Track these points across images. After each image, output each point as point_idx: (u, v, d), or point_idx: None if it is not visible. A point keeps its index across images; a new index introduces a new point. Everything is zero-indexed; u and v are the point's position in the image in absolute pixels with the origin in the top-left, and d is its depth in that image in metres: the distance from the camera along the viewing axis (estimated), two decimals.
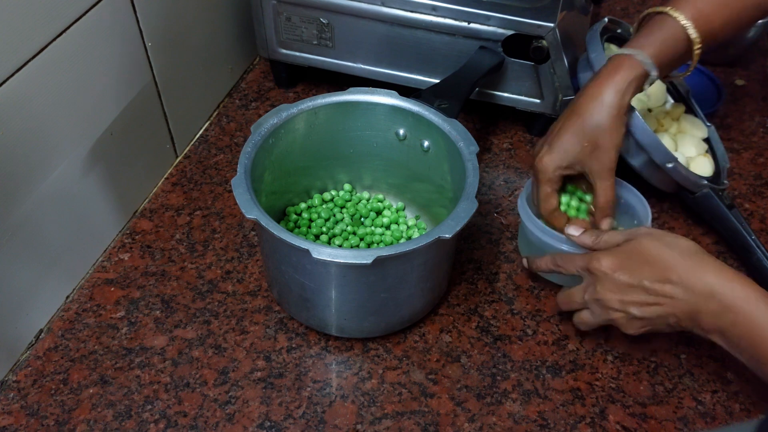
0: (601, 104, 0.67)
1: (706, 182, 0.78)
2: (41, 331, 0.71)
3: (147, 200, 0.84)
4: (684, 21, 0.67)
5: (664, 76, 0.73)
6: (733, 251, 0.80)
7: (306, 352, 0.70)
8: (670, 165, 0.76)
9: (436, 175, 0.74)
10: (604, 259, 0.62)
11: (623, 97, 0.67)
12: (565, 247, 0.71)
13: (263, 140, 0.67)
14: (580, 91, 0.71)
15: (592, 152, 0.68)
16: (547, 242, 0.71)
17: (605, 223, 0.71)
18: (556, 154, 0.69)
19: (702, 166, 0.82)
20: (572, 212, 0.74)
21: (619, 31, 0.87)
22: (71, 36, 0.64)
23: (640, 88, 0.69)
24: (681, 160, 0.79)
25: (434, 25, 0.82)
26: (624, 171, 0.75)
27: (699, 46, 0.68)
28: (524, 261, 0.74)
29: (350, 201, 0.81)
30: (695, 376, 0.69)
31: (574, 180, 0.74)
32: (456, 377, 0.68)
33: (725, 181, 0.82)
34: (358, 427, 0.64)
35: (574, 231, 0.69)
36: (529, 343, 0.71)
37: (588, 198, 0.75)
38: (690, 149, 0.83)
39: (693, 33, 0.67)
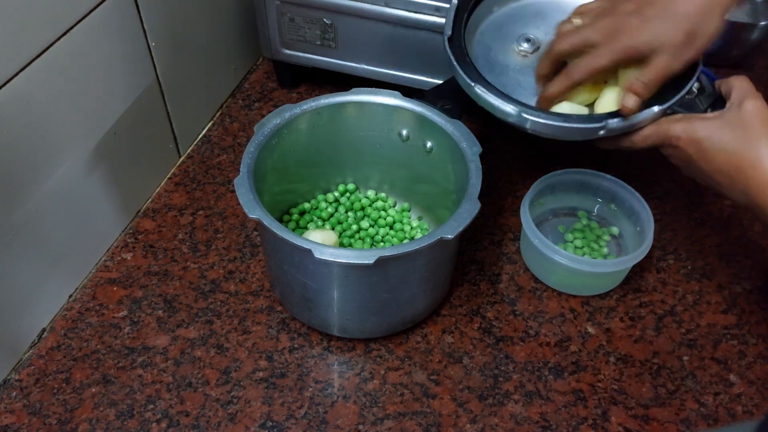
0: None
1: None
2: (44, 330, 0.71)
3: (150, 200, 0.84)
4: None
5: None
6: None
7: (308, 353, 0.70)
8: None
9: (439, 176, 0.74)
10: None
11: None
12: (563, 260, 0.71)
13: (266, 140, 0.67)
14: None
15: (681, 43, 0.61)
16: (546, 253, 0.71)
17: (630, 100, 0.63)
18: (647, 30, 0.61)
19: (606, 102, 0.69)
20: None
21: None
22: (75, 36, 0.65)
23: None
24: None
25: (437, 26, 0.82)
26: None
27: None
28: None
29: (354, 201, 0.81)
30: (697, 378, 0.69)
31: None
32: (458, 378, 0.68)
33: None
34: (360, 427, 0.64)
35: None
36: (532, 345, 0.71)
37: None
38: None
39: None
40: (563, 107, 0.67)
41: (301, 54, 0.92)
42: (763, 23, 0.98)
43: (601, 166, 0.81)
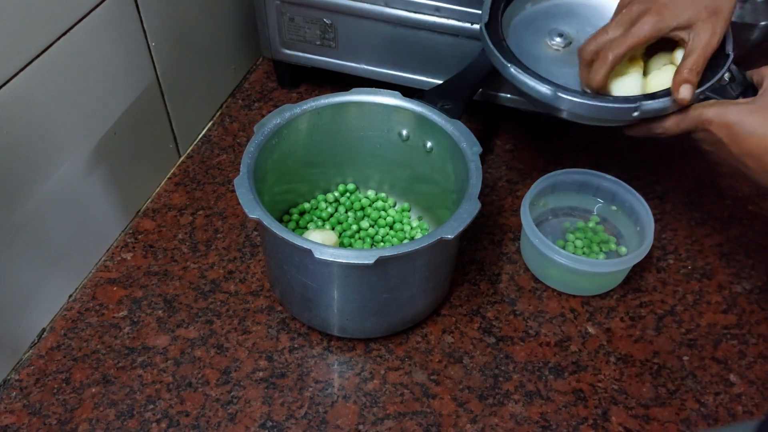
0: None
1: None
2: (44, 330, 0.71)
3: (150, 200, 0.84)
4: None
5: None
6: None
7: (308, 353, 0.70)
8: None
9: (439, 176, 0.74)
10: None
11: None
12: (563, 260, 0.71)
13: (266, 140, 0.67)
14: None
15: (707, 19, 0.63)
16: (546, 253, 0.71)
17: (685, 90, 0.64)
18: (668, 14, 0.64)
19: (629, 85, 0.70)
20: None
21: None
22: (75, 35, 0.65)
23: None
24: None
25: (437, 26, 0.82)
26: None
27: None
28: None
29: (354, 201, 0.81)
30: (698, 378, 0.69)
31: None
32: (458, 378, 0.68)
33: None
34: (360, 427, 0.64)
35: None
36: (532, 344, 0.71)
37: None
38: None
39: None
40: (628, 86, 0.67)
41: (301, 54, 0.92)
42: (763, 23, 0.98)
43: (601, 166, 0.81)
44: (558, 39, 0.74)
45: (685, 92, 0.64)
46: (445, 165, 0.72)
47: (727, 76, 0.67)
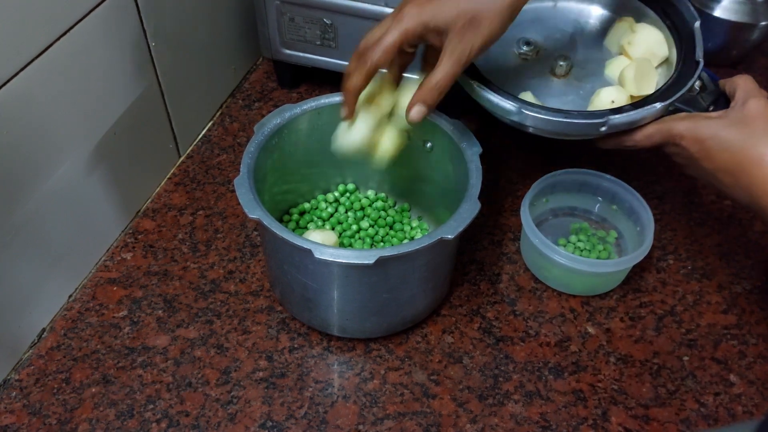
0: None
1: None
2: (44, 330, 0.71)
3: (150, 200, 0.84)
4: None
5: None
6: None
7: (308, 353, 0.70)
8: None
9: (439, 176, 0.74)
10: None
11: None
12: (563, 260, 0.71)
13: (266, 140, 0.67)
14: None
15: (463, 27, 0.57)
16: (546, 253, 0.71)
17: (416, 112, 0.60)
18: (428, 9, 0.57)
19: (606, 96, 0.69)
20: None
21: None
22: (75, 36, 0.65)
23: None
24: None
25: None
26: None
27: None
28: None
29: (354, 201, 0.81)
30: (698, 378, 0.69)
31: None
32: (458, 378, 0.68)
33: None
34: (360, 427, 0.64)
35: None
36: (531, 345, 0.71)
37: None
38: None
39: None
40: (361, 123, 0.63)
41: (301, 54, 0.92)
42: (763, 23, 0.98)
43: (601, 166, 0.81)
44: (525, 47, 0.73)
45: (415, 114, 0.59)
46: (445, 165, 0.72)
47: (697, 84, 0.65)
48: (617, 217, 0.80)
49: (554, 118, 0.64)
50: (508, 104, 0.65)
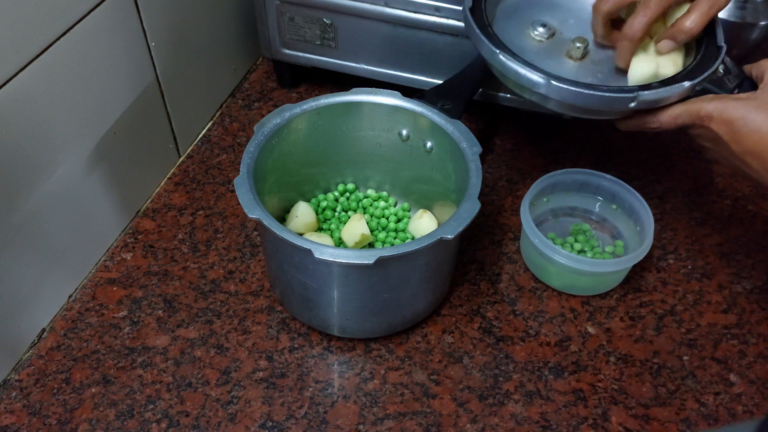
0: None
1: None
2: (44, 330, 0.71)
3: (150, 200, 0.84)
4: None
5: None
6: None
7: (308, 353, 0.70)
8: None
9: (439, 176, 0.74)
10: None
11: None
12: (563, 260, 0.71)
13: (266, 140, 0.67)
14: None
15: None
16: (546, 253, 0.71)
17: (665, 45, 0.63)
18: None
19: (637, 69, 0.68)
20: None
21: None
22: (75, 35, 0.65)
23: None
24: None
25: (437, 26, 0.82)
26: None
27: None
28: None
29: (354, 201, 0.81)
30: (698, 377, 0.69)
31: None
32: (458, 378, 0.68)
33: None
34: (360, 427, 0.64)
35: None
36: (532, 344, 0.71)
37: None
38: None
39: None
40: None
41: (301, 54, 0.92)
42: (763, 23, 0.98)
43: (601, 166, 0.81)
44: (541, 29, 0.72)
45: (664, 46, 0.62)
46: (445, 165, 0.72)
47: (721, 68, 0.64)
48: (617, 217, 0.80)
49: (584, 91, 0.62)
50: (536, 76, 0.63)
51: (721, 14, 0.99)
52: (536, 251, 0.73)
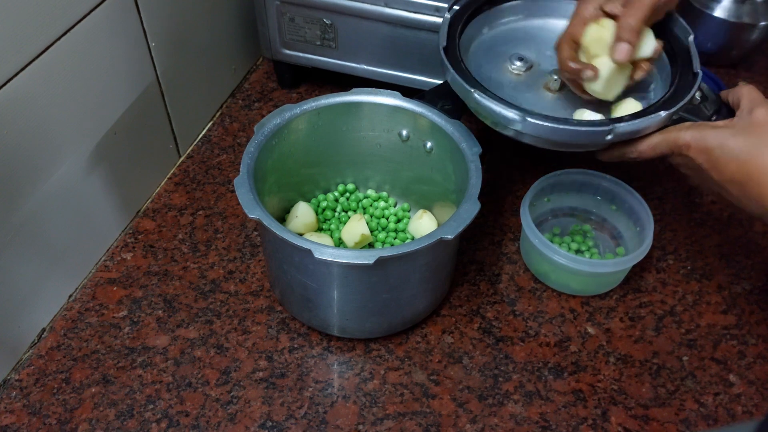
0: None
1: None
2: (44, 330, 0.71)
3: (150, 200, 0.84)
4: None
5: None
6: None
7: (308, 353, 0.70)
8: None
9: (439, 176, 0.74)
10: None
11: None
12: (562, 260, 0.71)
13: (266, 140, 0.67)
14: None
15: None
16: (546, 253, 0.71)
17: (621, 50, 0.64)
18: None
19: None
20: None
21: None
22: (75, 35, 0.65)
23: None
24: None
25: (437, 27, 0.82)
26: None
27: None
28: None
29: (354, 201, 0.81)
30: (697, 378, 0.69)
31: None
32: (458, 378, 0.68)
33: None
34: (360, 427, 0.64)
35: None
36: (531, 345, 0.71)
37: None
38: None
39: None
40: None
41: (301, 54, 0.92)
42: (763, 23, 0.98)
43: (601, 166, 0.81)
44: (518, 63, 0.73)
45: (620, 53, 0.63)
46: (445, 165, 0.72)
47: (698, 95, 0.64)
48: (617, 217, 0.80)
49: (560, 126, 0.62)
50: (511, 113, 0.63)
51: (721, 14, 0.99)
52: (536, 251, 0.73)
